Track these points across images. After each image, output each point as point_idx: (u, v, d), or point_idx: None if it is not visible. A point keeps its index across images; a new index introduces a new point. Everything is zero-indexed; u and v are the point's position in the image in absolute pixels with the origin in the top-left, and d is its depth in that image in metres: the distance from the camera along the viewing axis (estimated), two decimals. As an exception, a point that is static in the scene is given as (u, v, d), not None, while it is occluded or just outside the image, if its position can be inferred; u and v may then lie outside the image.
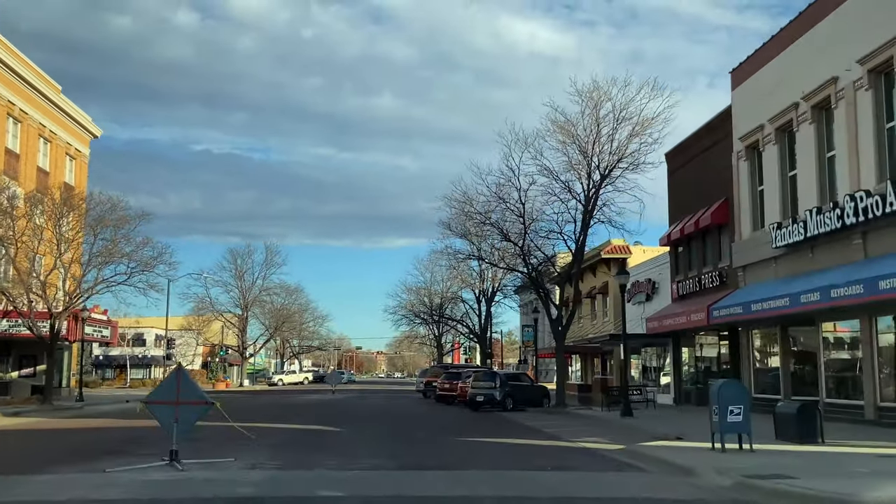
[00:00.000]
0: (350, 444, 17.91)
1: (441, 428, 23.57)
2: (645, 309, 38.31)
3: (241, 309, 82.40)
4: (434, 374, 45.53)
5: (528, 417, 29.00)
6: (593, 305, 48.54)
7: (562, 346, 34.51)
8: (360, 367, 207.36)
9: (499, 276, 53.85)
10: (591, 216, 33.63)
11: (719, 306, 26.84)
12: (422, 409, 36.48)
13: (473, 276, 53.91)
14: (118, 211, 37.98)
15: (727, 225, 28.78)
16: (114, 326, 47.35)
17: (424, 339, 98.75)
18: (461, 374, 39.85)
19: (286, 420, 26.02)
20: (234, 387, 79.37)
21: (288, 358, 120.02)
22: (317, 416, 28.96)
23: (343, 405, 38.16)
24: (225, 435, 17.26)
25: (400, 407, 37.58)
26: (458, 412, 33.04)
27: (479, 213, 33.48)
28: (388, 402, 43.91)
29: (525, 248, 34.08)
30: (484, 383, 33.81)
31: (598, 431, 21.80)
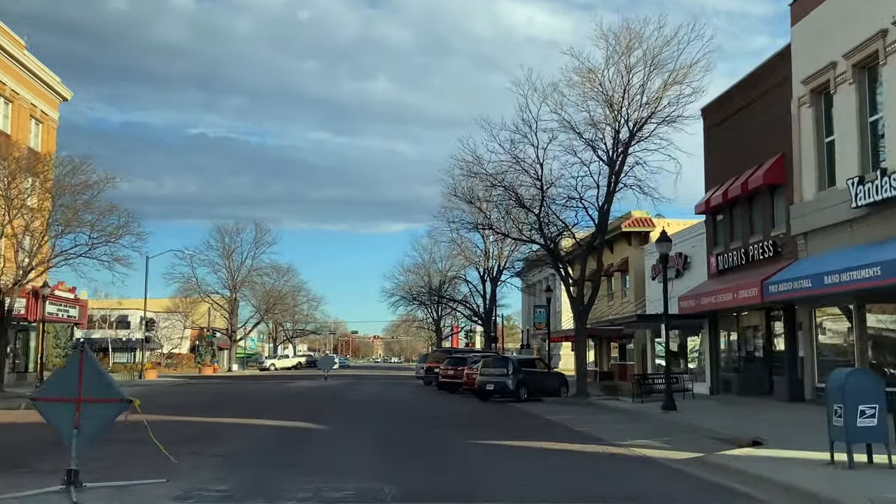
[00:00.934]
0: (335, 454, 13.69)
1: (449, 425, 19.37)
2: (673, 287, 34.10)
3: (229, 290, 78.16)
4: (436, 359, 41.41)
5: (548, 410, 24.83)
6: (610, 285, 44.31)
7: (583, 327, 30.33)
8: (356, 352, 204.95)
9: (505, 252, 49.66)
10: (617, 179, 29.33)
11: (777, 280, 22.62)
12: (423, 398, 32.31)
13: (478, 253, 49.71)
14: (79, 174, 33.63)
15: (783, 186, 24.52)
16: (82, 306, 43.11)
17: (423, 323, 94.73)
18: (466, 360, 35.70)
19: (262, 414, 21.81)
20: (223, 372, 75.25)
21: (281, 342, 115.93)
22: (301, 409, 24.75)
23: (334, 394, 34.00)
24: (169, 438, 13.05)
25: (398, 396, 33.42)
26: (464, 402, 28.89)
27: (489, 175, 29.06)
28: (384, 389, 39.78)
29: (542, 216, 29.73)
30: (494, 370, 29.65)
31: (644, 430, 17.63)
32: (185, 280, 76.86)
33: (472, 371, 32.79)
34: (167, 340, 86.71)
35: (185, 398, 30.56)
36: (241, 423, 18.90)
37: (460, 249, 49.57)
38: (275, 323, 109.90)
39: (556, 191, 30.32)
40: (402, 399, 31.24)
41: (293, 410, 23.85)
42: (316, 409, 24.55)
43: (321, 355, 67.99)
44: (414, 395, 34.20)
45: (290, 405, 26.76)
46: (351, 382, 48.89)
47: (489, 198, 29.76)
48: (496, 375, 29.51)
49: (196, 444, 14.10)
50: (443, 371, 36.24)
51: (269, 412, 22.66)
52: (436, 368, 39.75)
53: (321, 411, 23.61)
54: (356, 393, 35.20)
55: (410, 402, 29.05)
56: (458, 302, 54.25)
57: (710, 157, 30.44)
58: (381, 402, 28.67)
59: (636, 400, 25.64)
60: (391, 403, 28.19)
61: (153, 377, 53.59)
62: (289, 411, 23.39)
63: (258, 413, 22.13)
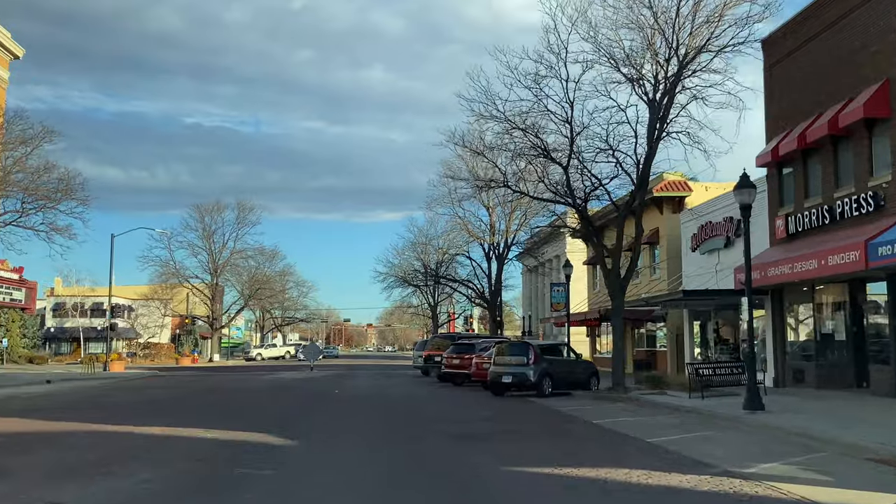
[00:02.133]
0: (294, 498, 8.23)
1: (467, 437, 13.92)
2: (720, 259, 28.78)
3: (210, 274, 72.54)
4: (437, 347, 36.00)
5: (586, 409, 19.46)
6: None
7: (621, 305, 24.86)
8: (349, 341, 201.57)
9: (512, 227, 44.15)
10: (662, 125, 23.84)
11: (891, 239, 17.23)
12: (424, 393, 26.92)
13: (481, 228, 44.14)
14: (14, 129, 28.02)
15: (887, 121, 19.08)
16: (30, 288, 37.54)
17: (418, 310, 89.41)
18: (474, 346, 30.34)
19: (214, 418, 16.34)
20: (203, 363, 69.74)
21: (269, 330, 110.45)
22: (269, 411, 19.29)
23: (317, 388, 28.57)
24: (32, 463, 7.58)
25: (394, 391, 28.00)
26: (475, 399, 23.53)
27: (505, 117, 23.30)
28: (377, 382, 34.36)
29: (571, 169, 24.10)
30: (511, 358, 24.28)
31: (752, 446, 12.27)
32: (163, 264, 71.22)
33: (483, 359, 27.43)
34: (145, 329, 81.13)
35: (131, 395, 25.10)
36: (171, 436, 13.43)
37: (462, 223, 44.11)
38: (262, 310, 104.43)
39: (584, 142, 24.76)
40: (399, 395, 25.82)
41: (258, 413, 18.39)
42: (289, 412, 19.10)
43: (310, 344, 62.68)
44: (413, 389, 28.80)
45: (258, 404, 21.28)
46: (340, 373, 43.48)
47: (504, 145, 24.07)
48: (514, 365, 24.12)
49: (58, 479, 8.65)
50: (447, 360, 30.86)
51: (225, 415, 17.21)
52: (436, 357, 34.41)
53: (295, 415, 18.16)
54: (344, 387, 29.77)
55: (410, 399, 23.62)
56: (458, 282, 48.52)
57: (772, 99, 24.96)
58: (373, 400, 23.23)
59: (693, 395, 20.32)
60: (385, 401, 22.75)
61: (119, 369, 48.05)
62: (253, 414, 17.92)
63: (210, 417, 16.67)
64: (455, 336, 36.64)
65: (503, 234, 44.32)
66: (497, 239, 44.20)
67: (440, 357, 33.58)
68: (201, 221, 71.88)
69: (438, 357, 33.88)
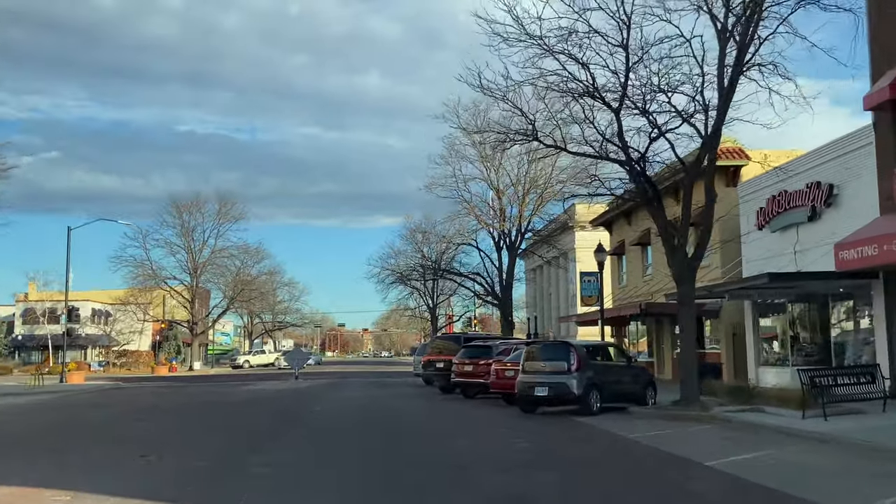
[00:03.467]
0: None
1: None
2: (799, 237, 22.93)
3: (189, 275, 66.50)
4: (438, 350, 29.97)
5: (668, 438, 13.57)
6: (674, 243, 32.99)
7: (691, 291, 18.89)
8: (345, 347, 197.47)
9: (526, 211, 38.11)
10: (741, 58, 17.95)
11: None
12: (429, 410, 21.06)
13: (491, 213, 37.97)
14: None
15: None
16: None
17: (415, 312, 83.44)
18: (491, 349, 24.49)
19: (119, 462, 10.41)
20: (183, 371, 63.62)
21: (258, 336, 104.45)
22: (210, 443, 13.33)
23: (293, 405, 22.63)
24: None
25: (390, 406, 22.08)
26: (500, 419, 17.69)
27: (541, 36, 17.12)
28: (371, 393, 28.47)
29: (623, 111, 18.09)
30: (547, 364, 18.41)
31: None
32: (138, 264, 65.05)
33: (505, 366, 21.55)
34: (120, 335, 74.97)
35: (46, 416, 19.10)
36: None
37: (469, 207, 38.06)
38: (249, 314, 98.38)
39: (637, 82, 18.77)
40: (398, 413, 19.89)
41: (189, 450, 12.42)
42: (236, 445, 13.12)
43: (294, 349, 55.84)
44: (414, 405, 22.90)
45: (202, 432, 15.36)
46: (330, 383, 37.54)
47: (525, 75, 17.91)
48: (550, 373, 18.23)
49: None
50: (457, 366, 24.92)
51: (144, 447, 11.23)
52: (438, 362, 28.46)
53: (240, 455, 12.15)
54: (329, 402, 23.81)
55: (412, 421, 17.68)
56: (464, 276, 42.21)
57: (881, 25, 19.14)
58: (363, 422, 17.27)
59: (809, 414, 14.51)
60: (380, 424, 16.80)
61: (77, 381, 42.08)
62: (178, 453, 11.95)
63: (115, 457, 10.75)
64: (462, 337, 30.60)
65: (514, 221, 38.42)
66: (508, 226, 38.30)
67: (442, 363, 27.70)
68: (179, 217, 65.87)
69: (441, 363, 27.97)
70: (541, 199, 37.41)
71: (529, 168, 37.36)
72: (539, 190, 36.98)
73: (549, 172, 36.92)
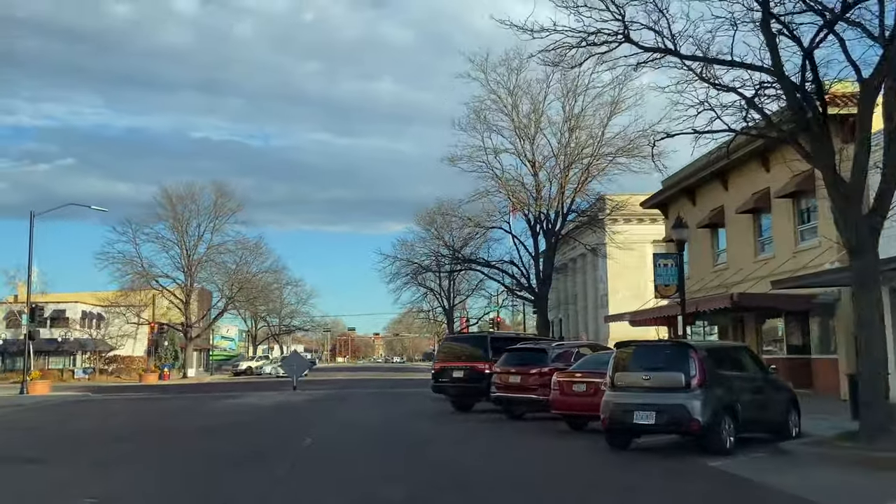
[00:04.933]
0: None
1: None
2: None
3: (183, 273, 60.48)
4: (448, 355, 22.67)
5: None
6: (756, 221, 26.69)
7: (874, 262, 12.36)
8: (356, 352, 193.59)
9: (567, 190, 31.61)
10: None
11: None
12: (472, 444, 14.74)
13: (524, 192, 31.21)
14: None
15: None
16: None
17: (429, 315, 77.28)
18: (546, 354, 18.18)
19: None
20: (176, 379, 57.56)
21: (262, 341, 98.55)
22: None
23: (276, 433, 16.39)
24: None
25: (416, 441, 15.73)
26: (587, 462, 11.48)
27: None
28: (382, 412, 22.19)
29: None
30: (652, 376, 12.07)
31: None
32: (127, 261, 59.05)
33: (572, 377, 15.25)
34: (112, 339, 68.96)
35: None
36: None
37: (500, 182, 31.37)
38: (254, 317, 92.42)
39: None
40: (429, 449, 13.58)
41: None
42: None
43: (292, 354, 49.24)
44: (448, 433, 16.58)
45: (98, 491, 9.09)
46: (334, 394, 31.32)
47: None
48: (657, 391, 11.92)
49: None
50: (499, 377, 18.46)
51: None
52: (456, 370, 21.42)
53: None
54: (328, 427, 17.51)
55: (457, 471, 11.33)
56: (492, 266, 35.23)
57: None
58: (378, 482, 10.93)
59: None
60: (409, 483, 10.41)
61: (41, 391, 36.04)
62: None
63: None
64: (489, 337, 23.46)
65: (554, 201, 31.87)
66: (544, 208, 31.67)
67: (463, 371, 21.15)
68: (171, 209, 59.84)
69: (461, 371, 21.28)
70: (586, 172, 31.03)
71: (571, 137, 31.01)
72: (584, 161, 30.65)
73: (599, 137, 30.52)
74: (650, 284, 64.34)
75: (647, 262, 59.33)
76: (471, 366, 20.87)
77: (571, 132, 30.87)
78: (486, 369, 20.00)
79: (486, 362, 20.20)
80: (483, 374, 20.05)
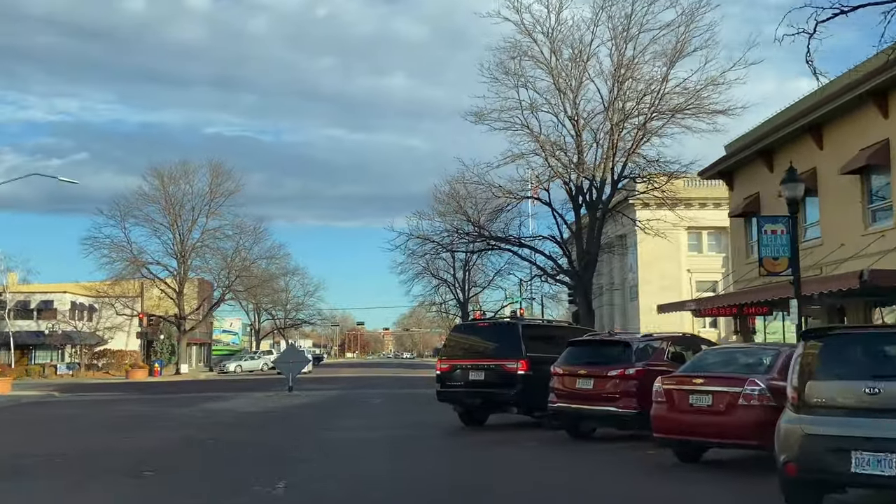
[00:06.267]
0: None
1: None
2: None
3: (175, 259, 55.32)
4: (455, 351, 16.87)
5: None
6: (865, 184, 21.13)
7: None
8: (365, 347, 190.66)
9: (617, 153, 25.89)
10: None
11: None
12: (550, 497, 9.31)
13: (565, 152, 25.38)
14: None
15: None
16: None
17: (441, 308, 71.94)
18: (629, 349, 12.66)
19: None
20: (167, 376, 52.37)
21: (266, 335, 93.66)
22: None
23: (230, 466, 11.07)
24: None
25: (439, 488, 10.35)
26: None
27: None
28: (398, 421, 16.94)
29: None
30: (891, 389, 6.57)
31: None
32: (115, 246, 53.92)
33: (688, 383, 9.92)
34: (101, 332, 63.98)
35: None
36: None
37: (539, 143, 25.53)
38: (256, 310, 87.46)
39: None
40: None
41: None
42: None
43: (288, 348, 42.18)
44: (493, 468, 11.20)
45: None
46: (335, 397, 26.17)
47: None
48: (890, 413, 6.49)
49: None
50: (560, 380, 12.96)
51: None
52: (474, 370, 15.73)
53: None
54: (314, 463, 12.18)
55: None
56: (522, 245, 29.18)
57: None
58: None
59: None
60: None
61: (2, 390, 30.98)
62: None
63: None
64: (520, 324, 16.84)
65: (600, 166, 26.16)
66: (592, 173, 25.90)
67: (484, 372, 15.33)
68: (163, 191, 54.68)
69: (482, 372, 15.35)
70: (643, 129, 25.37)
71: (622, 88, 25.44)
72: (644, 112, 25.01)
73: (661, 87, 24.87)
74: (685, 274, 58.51)
75: (682, 249, 54.14)
76: (496, 364, 15.23)
77: (622, 83, 25.42)
78: (517, 369, 14.73)
79: (518, 359, 14.81)
80: (514, 377, 14.74)
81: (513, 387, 14.69)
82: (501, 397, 15.06)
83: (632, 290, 53.62)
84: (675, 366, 12.56)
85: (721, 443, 9.83)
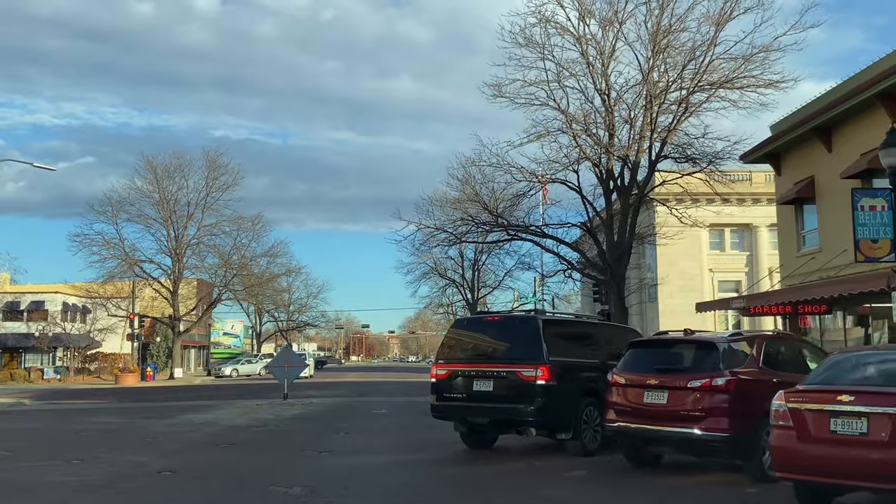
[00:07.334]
0: None
1: None
2: None
3: (169, 257, 52.38)
4: (455, 353, 12.72)
5: None
6: None
7: None
8: (370, 351, 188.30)
9: (654, 130, 22.77)
10: None
11: None
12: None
13: (595, 129, 22.25)
14: None
15: None
16: None
17: (449, 310, 68.92)
18: (715, 350, 9.56)
19: None
20: (160, 381, 49.36)
21: (266, 338, 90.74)
22: None
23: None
24: None
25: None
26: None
27: None
28: (394, 440, 13.99)
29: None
30: None
31: None
32: (106, 242, 50.92)
33: (824, 402, 6.83)
34: (97, 334, 61.08)
35: None
36: None
37: (566, 116, 22.34)
38: (257, 311, 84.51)
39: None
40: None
41: None
42: None
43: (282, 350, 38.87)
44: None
45: None
46: (336, 406, 23.22)
47: None
48: None
49: None
50: (623, 392, 10.02)
51: None
52: (479, 378, 11.98)
53: None
54: (292, 482, 9.24)
55: None
56: (545, 236, 25.83)
57: None
58: None
59: None
60: None
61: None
62: None
63: None
64: (541, 320, 12.20)
65: (633, 145, 23.03)
66: (622, 154, 22.76)
67: (492, 379, 11.88)
68: (157, 185, 51.74)
69: (485, 381, 11.94)
70: (685, 103, 22.14)
71: (661, 57, 22.31)
72: (687, 87, 21.85)
73: (710, 43, 21.61)
74: (707, 273, 55.10)
75: (703, 248, 50.97)
76: (508, 371, 11.80)
77: (661, 51, 22.34)
78: (536, 378, 11.41)
79: (538, 365, 11.47)
80: (532, 388, 11.42)
81: (531, 401, 11.40)
82: (516, 414, 11.66)
83: (650, 291, 50.65)
84: (771, 374, 9.58)
85: (880, 488, 6.81)
